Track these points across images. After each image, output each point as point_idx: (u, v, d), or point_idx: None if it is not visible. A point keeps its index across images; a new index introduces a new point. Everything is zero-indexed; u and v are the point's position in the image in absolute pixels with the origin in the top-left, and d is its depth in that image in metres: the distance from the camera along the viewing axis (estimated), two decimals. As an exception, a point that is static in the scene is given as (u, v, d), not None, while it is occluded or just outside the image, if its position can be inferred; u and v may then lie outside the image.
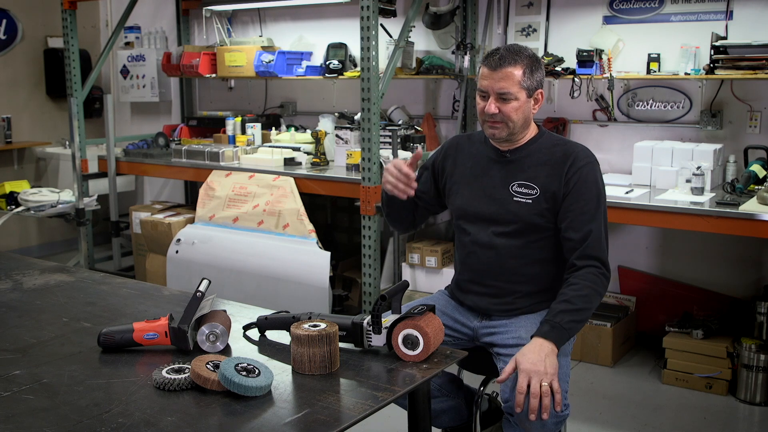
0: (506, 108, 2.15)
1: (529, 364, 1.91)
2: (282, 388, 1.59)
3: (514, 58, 2.13)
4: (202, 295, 1.79)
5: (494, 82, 2.14)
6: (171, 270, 4.52)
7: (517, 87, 2.13)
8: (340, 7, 4.96)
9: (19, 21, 5.97)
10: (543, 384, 1.89)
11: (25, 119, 6.09)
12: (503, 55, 2.14)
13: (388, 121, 4.57)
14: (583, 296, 2.05)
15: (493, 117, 2.16)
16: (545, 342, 1.96)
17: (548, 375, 1.90)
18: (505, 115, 2.15)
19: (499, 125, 2.17)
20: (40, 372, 1.68)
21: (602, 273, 2.10)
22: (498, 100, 2.15)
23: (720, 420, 3.34)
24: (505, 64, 2.13)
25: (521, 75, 2.13)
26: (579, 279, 2.08)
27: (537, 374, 1.89)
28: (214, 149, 4.81)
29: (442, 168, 2.39)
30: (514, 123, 2.17)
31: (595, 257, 2.10)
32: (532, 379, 1.89)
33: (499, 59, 2.13)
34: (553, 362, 1.93)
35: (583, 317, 2.06)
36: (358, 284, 4.54)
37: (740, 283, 3.94)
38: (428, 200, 2.44)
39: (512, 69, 2.12)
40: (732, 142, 3.89)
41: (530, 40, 4.41)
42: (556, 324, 2.00)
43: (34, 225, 6.17)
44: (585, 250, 2.10)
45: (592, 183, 2.16)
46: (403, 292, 1.90)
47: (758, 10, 3.75)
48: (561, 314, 2.02)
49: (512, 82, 2.13)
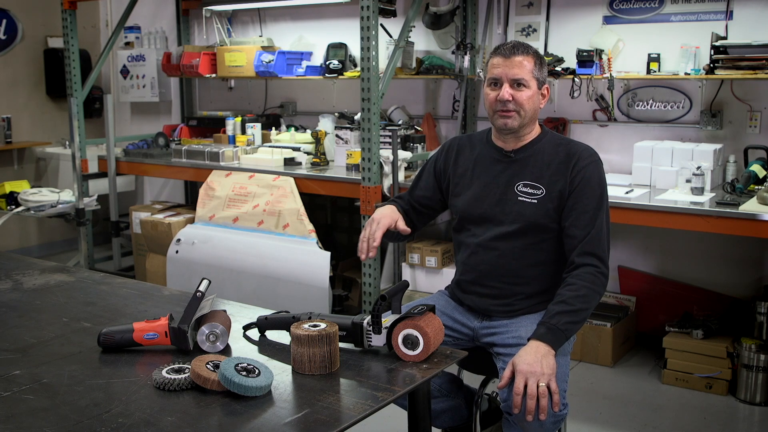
0: (520, 95, 2.16)
1: (526, 365, 1.91)
2: (282, 388, 1.59)
3: (526, 48, 2.19)
4: (202, 295, 1.79)
5: (508, 69, 2.16)
6: (171, 270, 4.52)
7: (530, 75, 2.16)
8: (340, 7, 4.96)
9: (19, 21, 5.97)
10: (540, 385, 1.89)
11: (25, 119, 6.09)
12: (516, 44, 2.19)
13: (388, 121, 4.57)
14: (581, 296, 2.06)
15: (506, 105, 2.16)
16: (541, 344, 1.96)
17: (545, 375, 1.90)
18: (518, 102, 2.16)
19: (512, 114, 2.18)
20: (40, 372, 1.68)
21: (600, 272, 2.10)
22: (512, 87, 2.16)
23: (720, 420, 3.34)
24: (518, 52, 2.17)
25: (532, 65, 2.17)
26: (576, 279, 2.09)
27: (533, 375, 1.90)
28: (214, 149, 4.81)
29: (444, 168, 2.39)
30: (525, 112, 2.18)
31: (593, 254, 2.10)
32: (529, 380, 1.90)
33: (513, 47, 2.18)
34: (550, 363, 1.93)
35: (581, 318, 2.06)
36: (358, 284, 4.54)
37: (740, 283, 3.94)
38: (429, 203, 2.43)
39: (525, 58, 2.16)
40: (732, 142, 3.89)
41: (530, 40, 4.41)
42: (553, 326, 2.00)
43: (34, 225, 6.17)
44: (584, 246, 2.11)
45: (595, 182, 2.17)
46: (403, 292, 1.90)
47: (758, 10, 3.75)
48: (558, 316, 2.02)
49: (526, 70, 2.16)
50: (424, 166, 2.47)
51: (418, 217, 2.44)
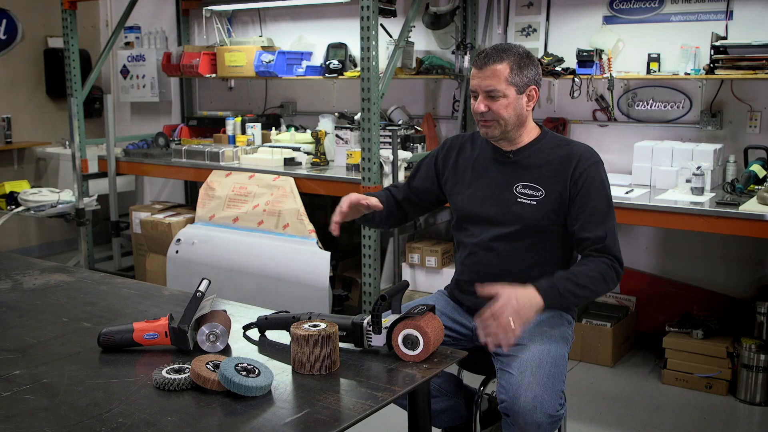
0: (495, 105, 2.15)
1: (513, 296, 1.90)
2: (282, 388, 1.59)
3: (500, 55, 2.15)
4: (202, 295, 1.79)
5: (481, 81, 2.16)
6: (171, 270, 4.52)
7: (504, 84, 2.14)
8: (340, 7, 4.96)
9: (19, 21, 5.97)
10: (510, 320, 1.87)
11: (25, 119, 6.09)
12: (488, 53, 2.16)
13: (388, 121, 4.57)
14: (590, 277, 2.07)
15: (484, 116, 2.17)
16: (536, 294, 1.96)
17: (519, 318, 1.89)
18: (495, 112, 2.16)
19: (491, 123, 2.18)
20: (40, 372, 1.68)
21: (614, 267, 2.12)
22: (486, 98, 2.16)
23: (720, 420, 3.34)
24: (490, 62, 2.14)
25: (508, 72, 2.14)
26: (590, 262, 2.11)
27: (511, 308, 1.88)
28: (214, 149, 4.81)
29: (444, 164, 2.38)
30: (505, 121, 2.17)
31: (611, 254, 2.12)
32: (505, 310, 1.88)
33: (485, 57, 2.16)
34: (529, 314, 1.93)
35: (583, 294, 2.07)
36: (358, 284, 4.54)
37: (740, 283, 3.94)
38: (425, 196, 2.42)
39: (498, 66, 2.14)
40: (732, 142, 3.89)
41: (530, 40, 4.41)
42: (554, 285, 2.01)
43: (34, 225, 6.17)
44: (602, 249, 2.12)
45: (599, 182, 2.18)
46: (403, 292, 1.90)
47: (758, 10, 3.75)
48: (563, 280, 2.03)
49: (498, 79, 2.13)
50: (423, 159, 2.47)
51: (412, 207, 2.45)
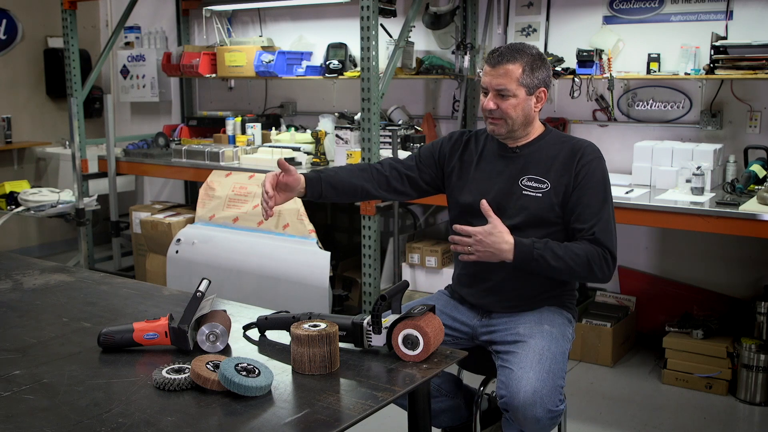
0: (504, 104, 2.18)
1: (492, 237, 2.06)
2: (282, 388, 1.59)
3: (514, 55, 2.17)
4: (202, 295, 1.79)
5: (493, 79, 2.18)
6: (171, 270, 4.52)
7: (515, 84, 2.16)
8: (340, 7, 4.96)
9: (19, 21, 5.97)
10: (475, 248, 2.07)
11: (25, 119, 6.09)
12: (503, 52, 2.18)
13: (388, 121, 4.57)
14: (575, 254, 2.09)
15: (492, 113, 2.20)
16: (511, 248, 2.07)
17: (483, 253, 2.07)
18: (503, 111, 2.18)
19: (498, 121, 2.20)
20: (40, 372, 1.68)
21: (606, 258, 2.11)
22: (496, 97, 2.19)
23: (720, 420, 3.34)
24: (504, 61, 2.16)
25: (520, 72, 2.16)
26: (581, 244, 2.12)
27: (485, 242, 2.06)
28: (214, 149, 4.81)
29: (450, 154, 2.38)
30: (512, 120, 2.19)
31: (603, 245, 2.12)
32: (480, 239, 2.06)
33: (499, 56, 2.18)
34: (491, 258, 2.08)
35: (558, 266, 2.08)
36: (358, 284, 4.54)
37: (740, 283, 3.94)
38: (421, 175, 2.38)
39: (511, 66, 2.16)
40: (732, 142, 3.89)
41: (530, 40, 4.40)
42: (531, 244, 2.07)
43: (34, 225, 6.17)
44: (593, 240, 2.12)
45: (599, 177, 2.19)
46: (403, 292, 1.90)
47: (758, 10, 3.75)
48: (545, 246, 2.08)
49: (510, 79, 2.16)
50: (423, 146, 2.46)
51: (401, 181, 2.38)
